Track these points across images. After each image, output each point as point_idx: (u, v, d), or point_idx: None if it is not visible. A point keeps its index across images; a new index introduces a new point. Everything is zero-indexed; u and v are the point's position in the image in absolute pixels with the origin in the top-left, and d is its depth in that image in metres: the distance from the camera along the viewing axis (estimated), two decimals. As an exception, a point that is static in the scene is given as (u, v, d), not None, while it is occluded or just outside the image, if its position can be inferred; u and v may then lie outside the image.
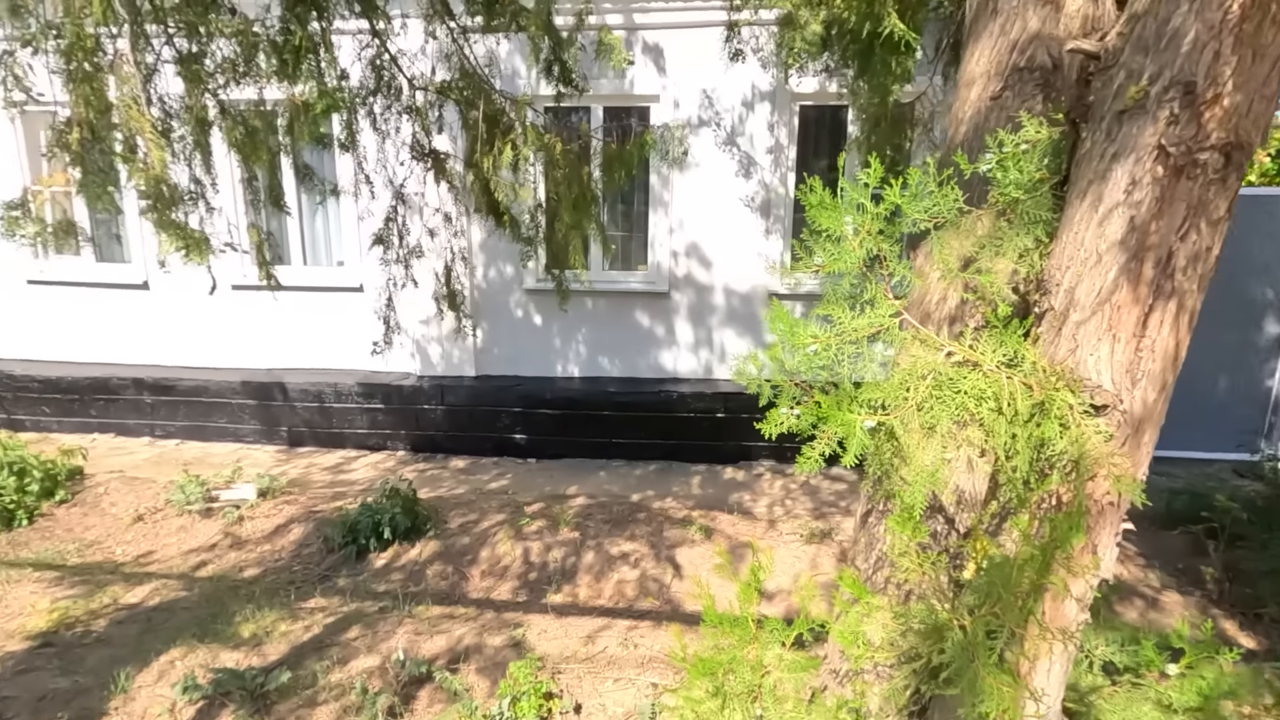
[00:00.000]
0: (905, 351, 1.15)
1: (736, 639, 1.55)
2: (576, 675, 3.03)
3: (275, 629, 3.36)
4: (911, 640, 1.27)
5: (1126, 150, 0.97)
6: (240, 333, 6.45)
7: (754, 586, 1.54)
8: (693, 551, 4.25)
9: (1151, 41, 0.94)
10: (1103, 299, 1.02)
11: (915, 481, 1.05)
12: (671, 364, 6.03)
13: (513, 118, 3.04)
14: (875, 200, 1.14)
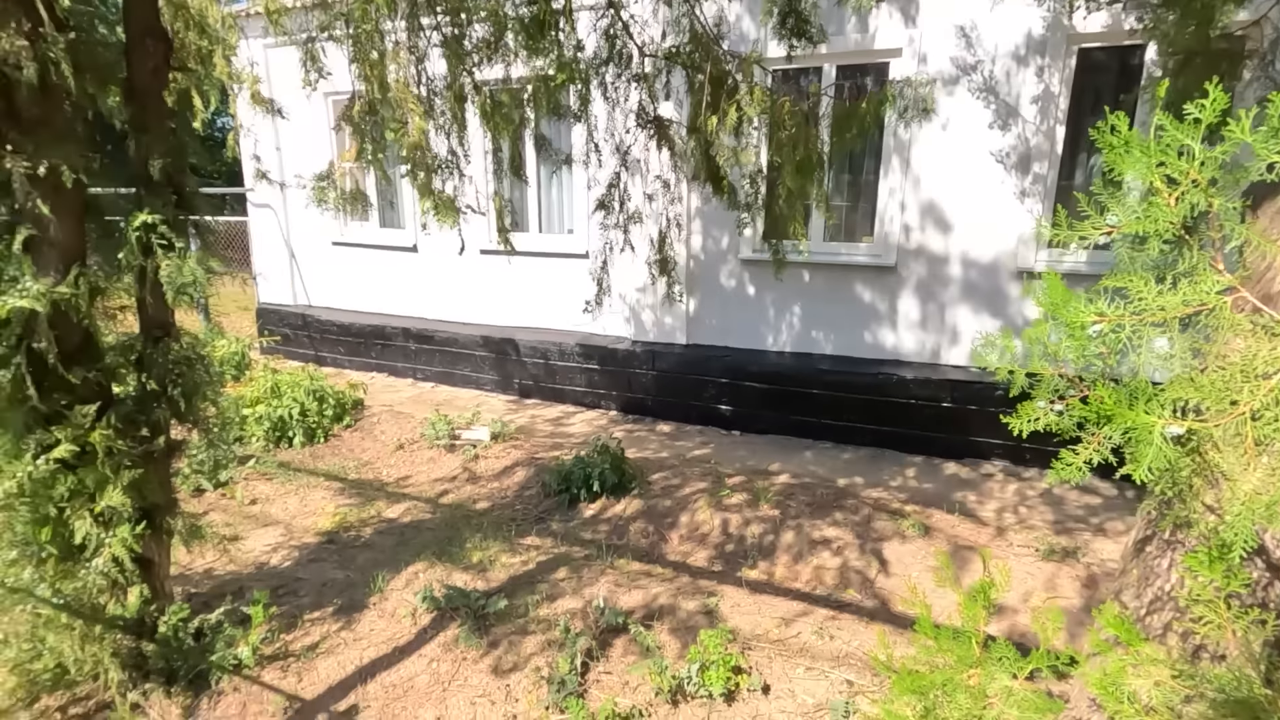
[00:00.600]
0: (1234, 341, 0.87)
1: (955, 658, 1.36)
2: (767, 655, 2.96)
3: (497, 559, 3.74)
4: (1202, 711, 0.99)
5: None
6: (484, 292, 7.21)
7: (983, 602, 1.33)
8: (903, 548, 3.92)
9: None
10: None
11: (1238, 513, 0.79)
12: (893, 344, 5.56)
13: (738, 79, 2.93)
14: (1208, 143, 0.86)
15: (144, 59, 2.48)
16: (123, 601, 2.56)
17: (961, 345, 5.37)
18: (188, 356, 2.67)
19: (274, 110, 4.21)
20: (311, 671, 2.84)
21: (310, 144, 7.67)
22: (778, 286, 5.79)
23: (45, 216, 2.28)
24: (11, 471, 2.21)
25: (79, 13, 2.31)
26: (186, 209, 2.61)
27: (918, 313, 5.46)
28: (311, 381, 5.78)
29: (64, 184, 2.30)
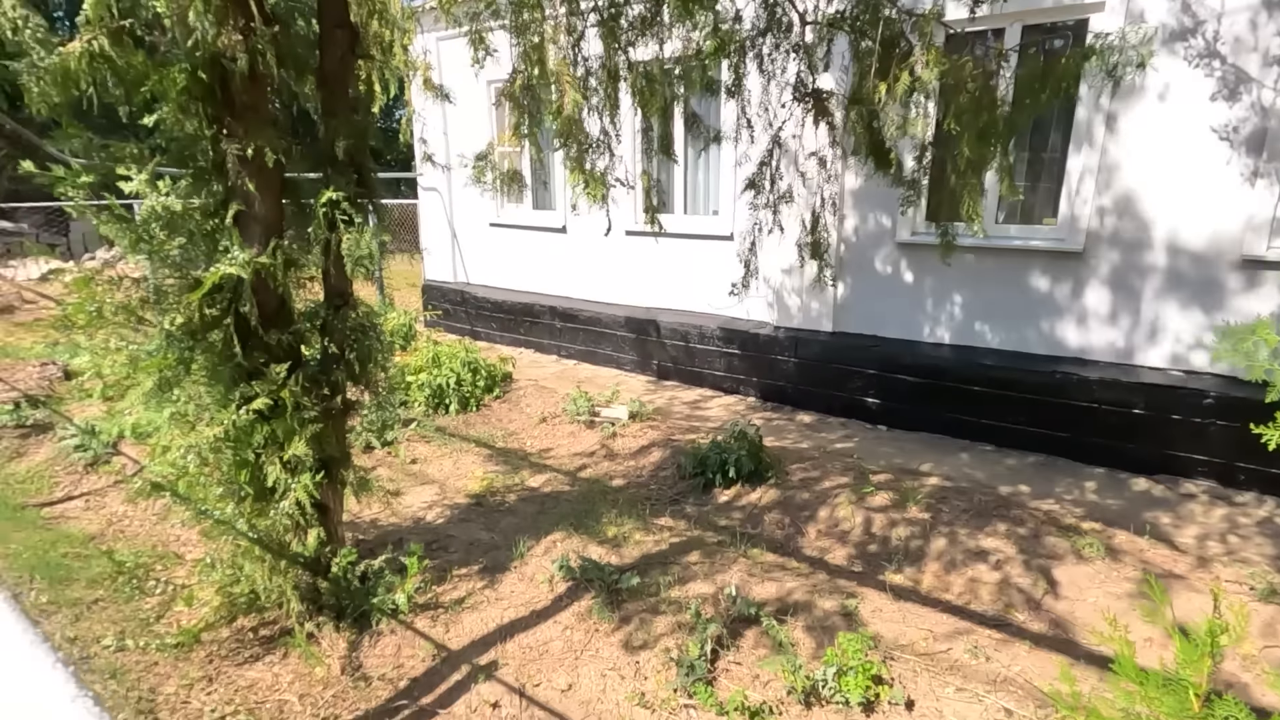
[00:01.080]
0: None
1: (1166, 709, 1.14)
2: (912, 668, 2.74)
3: (631, 536, 3.78)
4: None
5: None
6: (628, 274, 7.31)
7: (1210, 648, 1.10)
8: (1077, 569, 3.48)
9: None
10: None
11: None
12: (1075, 340, 4.94)
13: (912, 41, 2.67)
14: None
15: (334, 48, 2.70)
16: (303, 541, 2.85)
17: (1162, 345, 4.66)
18: (363, 325, 2.91)
19: (442, 95, 4.47)
20: (458, 624, 3.03)
21: (475, 130, 8.13)
22: (938, 273, 5.33)
23: (251, 194, 2.56)
24: (220, 419, 2.52)
25: (281, 7, 2.54)
26: (366, 188, 2.82)
27: (1107, 306, 4.80)
28: (467, 354, 6.16)
29: (266, 164, 2.56)
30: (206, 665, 2.72)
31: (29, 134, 5.15)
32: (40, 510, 4.04)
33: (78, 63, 2.19)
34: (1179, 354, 4.61)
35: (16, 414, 5.17)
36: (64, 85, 2.19)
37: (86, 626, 2.92)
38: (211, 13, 2.35)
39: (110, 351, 2.69)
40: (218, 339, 2.61)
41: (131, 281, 2.54)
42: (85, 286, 2.37)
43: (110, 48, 2.21)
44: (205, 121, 2.49)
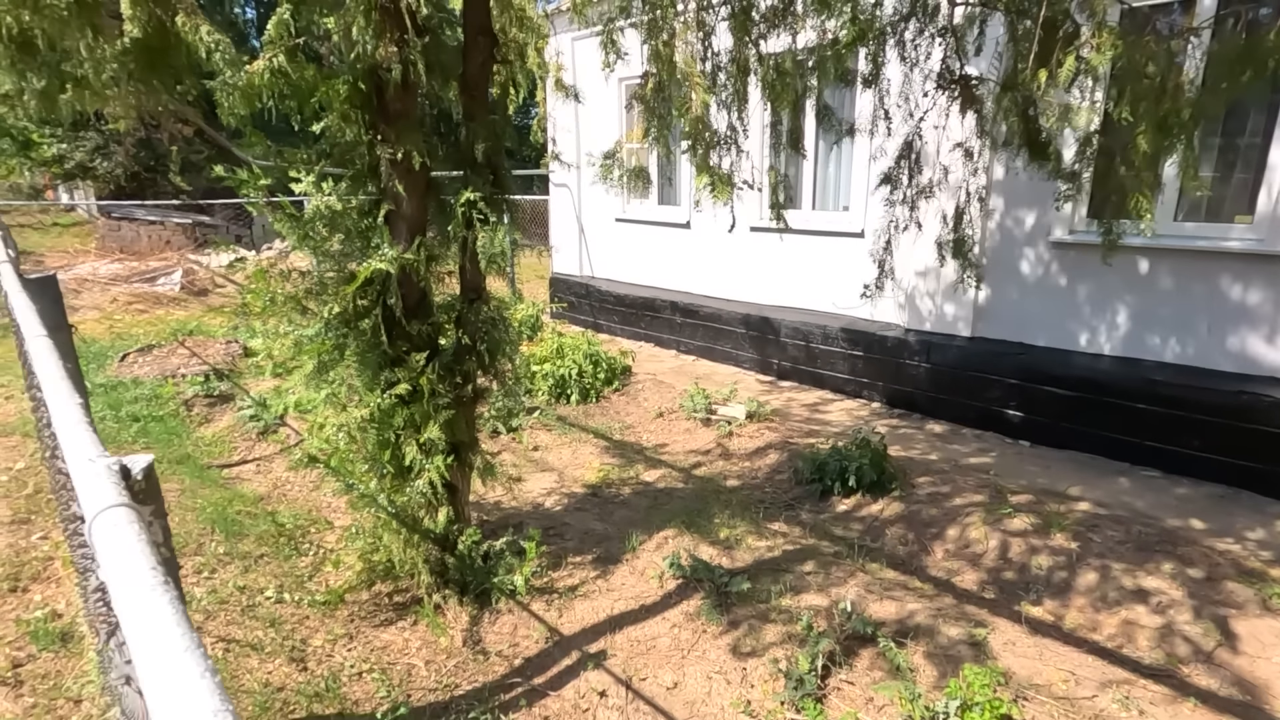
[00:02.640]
0: None
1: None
2: (1048, 712, 2.50)
3: (744, 539, 3.72)
4: None
5: None
6: (751, 270, 7.19)
7: None
8: (1263, 623, 3.02)
9: None
10: None
11: None
12: (1272, 357, 4.28)
13: (1079, 21, 2.40)
14: None
15: (476, 54, 2.85)
16: (434, 519, 3.06)
17: (1390, 366, 3.92)
18: (494, 318, 3.06)
19: (573, 95, 4.60)
20: (570, 610, 3.12)
21: (604, 127, 8.31)
22: (1098, 277, 4.80)
23: (400, 194, 2.76)
24: (367, 401, 2.75)
25: (431, 18, 2.71)
26: (501, 188, 2.96)
27: (1317, 318, 4.11)
28: (589, 346, 6.33)
29: (414, 167, 2.75)
30: (348, 623, 2.99)
31: (224, 140, 5.87)
32: (221, 471, 4.61)
33: (260, 79, 2.45)
34: None
35: (206, 385, 5.94)
36: (249, 99, 2.46)
37: (253, 578, 3.30)
38: (371, 27, 2.56)
39: (279, 335, 3.01)
40: (367, 327, 2.84)
41: (299, 274, 2.83)
42: (261, 279, 2.66)
43: (287, 63, 2.46)
44: (363, 128, 2.71)
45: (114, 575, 0.66)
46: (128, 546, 0.71)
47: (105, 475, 0.89)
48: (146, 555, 0.68)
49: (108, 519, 0.76)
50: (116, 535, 0.73)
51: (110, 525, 0.75)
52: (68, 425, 1.16)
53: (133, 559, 0.68)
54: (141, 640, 0.57)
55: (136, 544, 0.71)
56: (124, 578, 0.65)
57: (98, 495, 0.82)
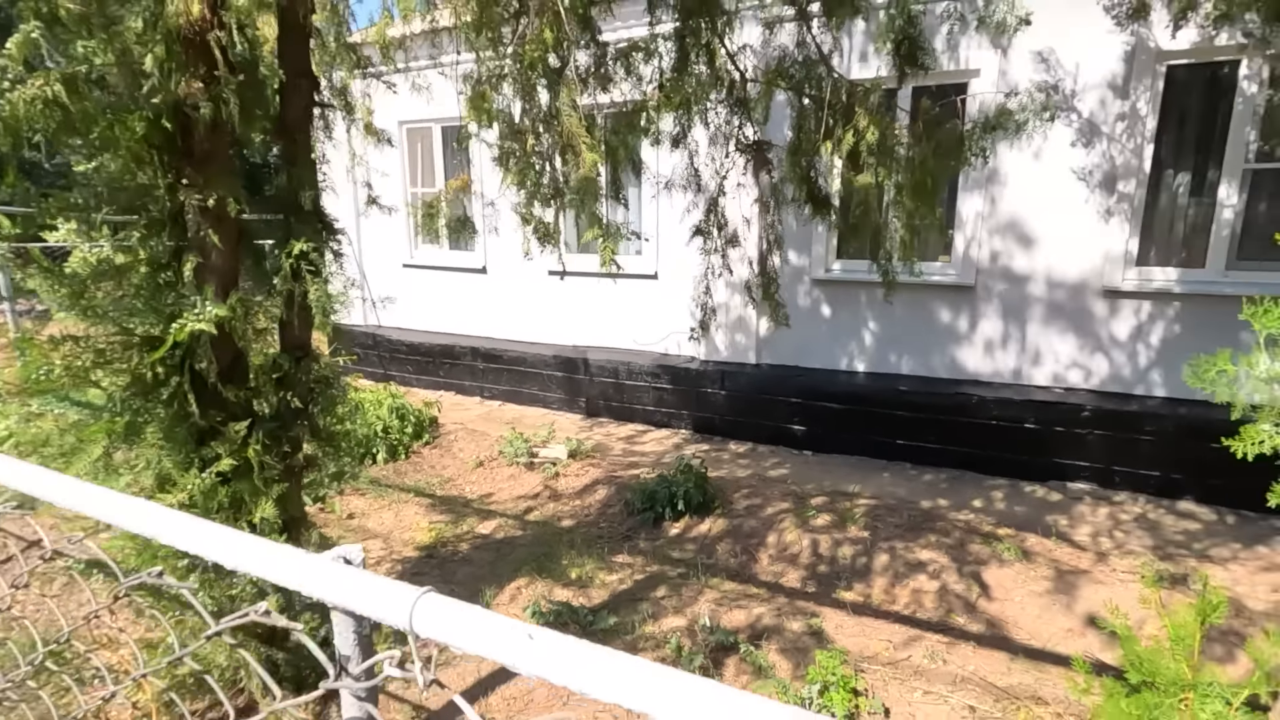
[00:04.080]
0: None
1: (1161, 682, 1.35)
2: (881, 678, 2.94)
3: (595, 576, 3.79)
4: None
5: None
6: (554, 312, 7.35)
7: (1199, 627, 1.32)
8: (1002, 572, 3.85)
9: None
10: None
11: None
12: (973, 365, 5.50)
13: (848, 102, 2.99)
14: None
15: (297, 98, 2.66)
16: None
17: (1045, 365, 5.28)
18: (326, 376, 2.81)
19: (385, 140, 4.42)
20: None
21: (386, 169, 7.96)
22: (852, 306, 5.79)
23: (212, 245, 2.44)
24: (184, 484, 2.35)
25: (244, 56, 2.48)
26: (330, 236, 2.76)
27: (998, 332, 5.39)
28: (393, 399, 5.96)
29: (228, 214, 2.46)
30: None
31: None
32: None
33: (26, 108, 2.04)
34: (1059, 373, 5.25)
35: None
36: (11, 131, 2.03)
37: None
38: (173, 60, 2.27)
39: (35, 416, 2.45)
40: (169, 397, 2.44)
41: (74, 340, 2.34)
42: (32, 347, 2.16)
43: (65, 93, 2.08)
44: (162, 170, 2.36)
45: None
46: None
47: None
48: None
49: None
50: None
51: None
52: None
53: None
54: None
55: None
56: None
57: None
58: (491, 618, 0.65)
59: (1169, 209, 5.04)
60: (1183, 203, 5.01)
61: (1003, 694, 2.86)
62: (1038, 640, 3.31)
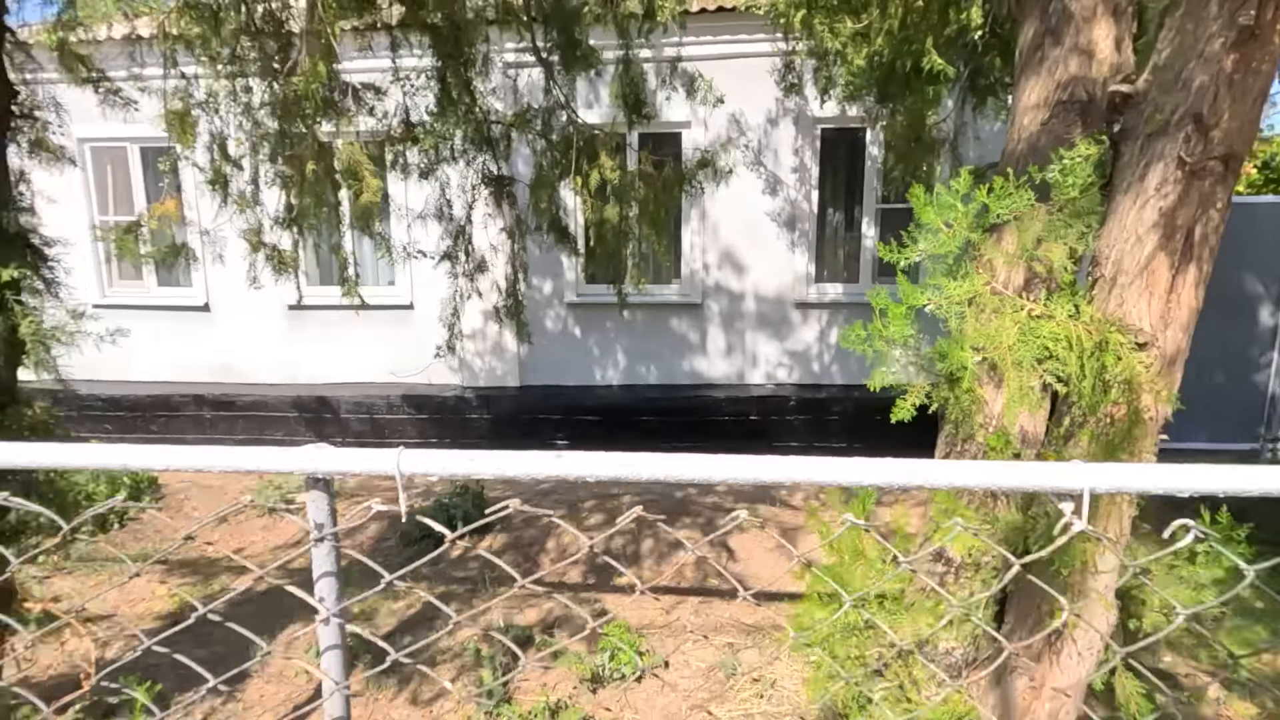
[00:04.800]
0: (987, 311, 1.55)
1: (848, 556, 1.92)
2: (659, 638, 3.38)
3: (380, 607, 3.70)
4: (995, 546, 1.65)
5: (1155, 160, 1.38)
6: (297, 350, 6.83)
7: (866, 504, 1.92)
8: (743, 539, 4.61)
9: (1171, 85, 1.35)
10: (1142, 266, 1.41)
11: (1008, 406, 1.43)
12: (707, 370, 6.42)
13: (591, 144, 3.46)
14: (965, 201, 1.54)
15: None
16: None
17: (760, 366, 6.39)
18: (44, 422, 2.44)
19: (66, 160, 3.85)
20: (204, 750, 2.65)
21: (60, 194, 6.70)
22: (602, 326, 6.38)
23: (-123, 272, 2.03)
24: None
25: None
26: (43, 263, 2.43)
27: (724, 342, 6.38)
28: (97, 461, 5.04)
29: (-101, 236, 2.07)
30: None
31: None
32: None
33: None
34: (770, 372, 6.39)
35: None
36: None
37: None
38: None
39: None
40: None
41: None
42: None
43: None
44: None
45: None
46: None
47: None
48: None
49: None
50: None
51: None
52: None
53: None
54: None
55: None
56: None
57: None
58: (451, 454, 0.86)
59: (832, 239, 6.49)
60: (841, 235, 6.49)
61: (752, 629, 3.49)
62: (774, 586, 4.05)
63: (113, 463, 0.97)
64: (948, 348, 1.51)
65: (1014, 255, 1.60)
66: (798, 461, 0.88)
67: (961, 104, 3.67)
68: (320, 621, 0.98)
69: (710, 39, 5.86)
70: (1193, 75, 1.32)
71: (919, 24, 2.98)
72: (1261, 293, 5.93)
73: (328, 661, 1.00)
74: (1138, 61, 1.65)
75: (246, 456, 0.94)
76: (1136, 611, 1.70)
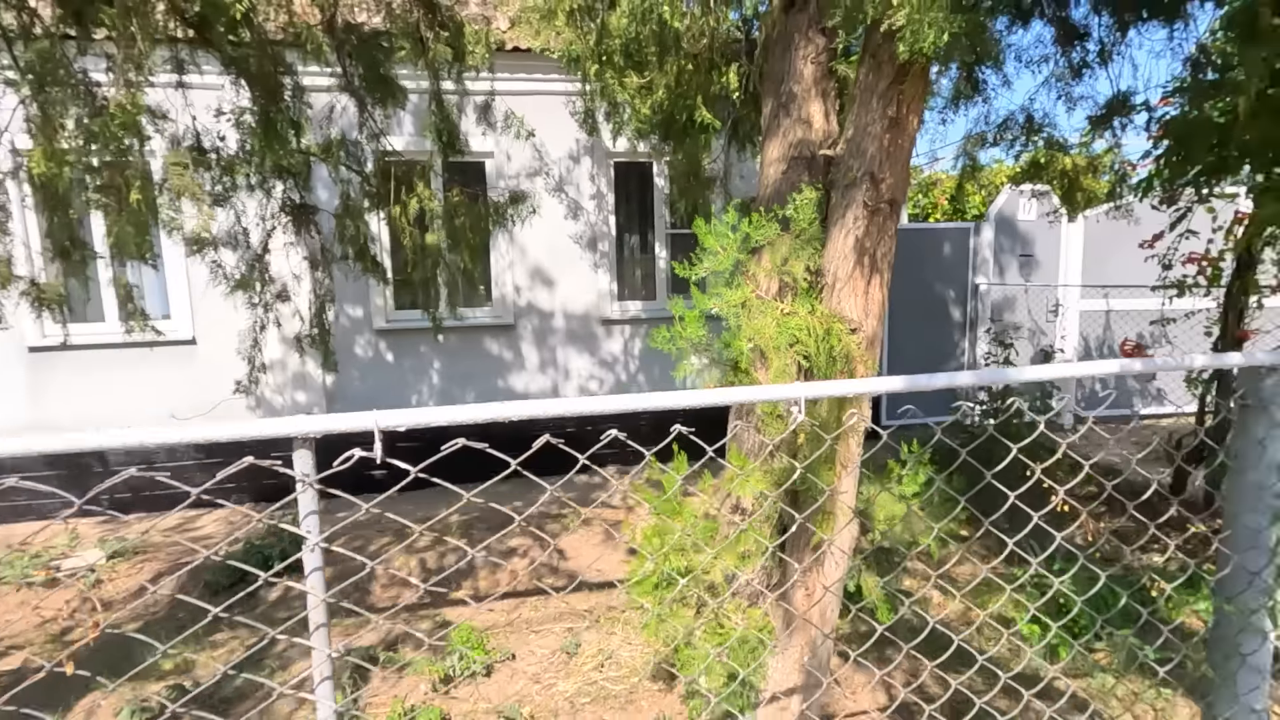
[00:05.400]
0: (754, 312, 2.08)
1: (670, 511, 2.36)
2: (503, 635, 3.60)
3: (195, 660, 3.46)
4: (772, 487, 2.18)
5: (851, 203, 2.00)
6: (45, 400, 5.90)
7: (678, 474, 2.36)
8: (571, 539, 4.96)
9: (855, 152, 1.98)
10: (849, 275, 2.03)
11: (773, 380, 1.96)
12: (522, 387, 6.69)
13: (408, 174, 3.62)
14: (734, 230, 2.06)
15: None
16: None
17: (573, 380, 6.81)
18: None
19: None
20: (0, 841, 2.36)
21: None
22: (416, 351, 6.37)
23: None
24: None
25: None
26: None
27: (537, 359, 6.70)
28: None
29: None
30: None
31: None
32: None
33: None
34: (583, 385, 6.83)
35: None
36: None
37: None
38: None
39: None
40: None
41: None
42: None
43: None
44: None
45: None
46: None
47: None
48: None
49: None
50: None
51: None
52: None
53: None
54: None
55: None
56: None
57: None
58: (425, 410, 1.09)
59: (631, 261, 7.13)
60: (638, 256, 7.16)
61: (587, 614, 3.83)
62: (604, 575, 4.45)
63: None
64: (730, 339, 2.01)
65: (770, 270, 2.16)
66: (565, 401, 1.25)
67: (728, 148, 4.42)
68: (307, 550, 1.16)
69: (510, 76, 6.21)
70: (867, 146, 1.96)
71: (690, 82, 3.61)
72: (953, 295, 7.64)
73: (314, 616, 1.17)
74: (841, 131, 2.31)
75: (236, 427, 1.11)
76: (871, 526, 2.34)
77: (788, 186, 2.27)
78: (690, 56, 3.50)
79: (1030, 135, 3.48)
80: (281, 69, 3.15)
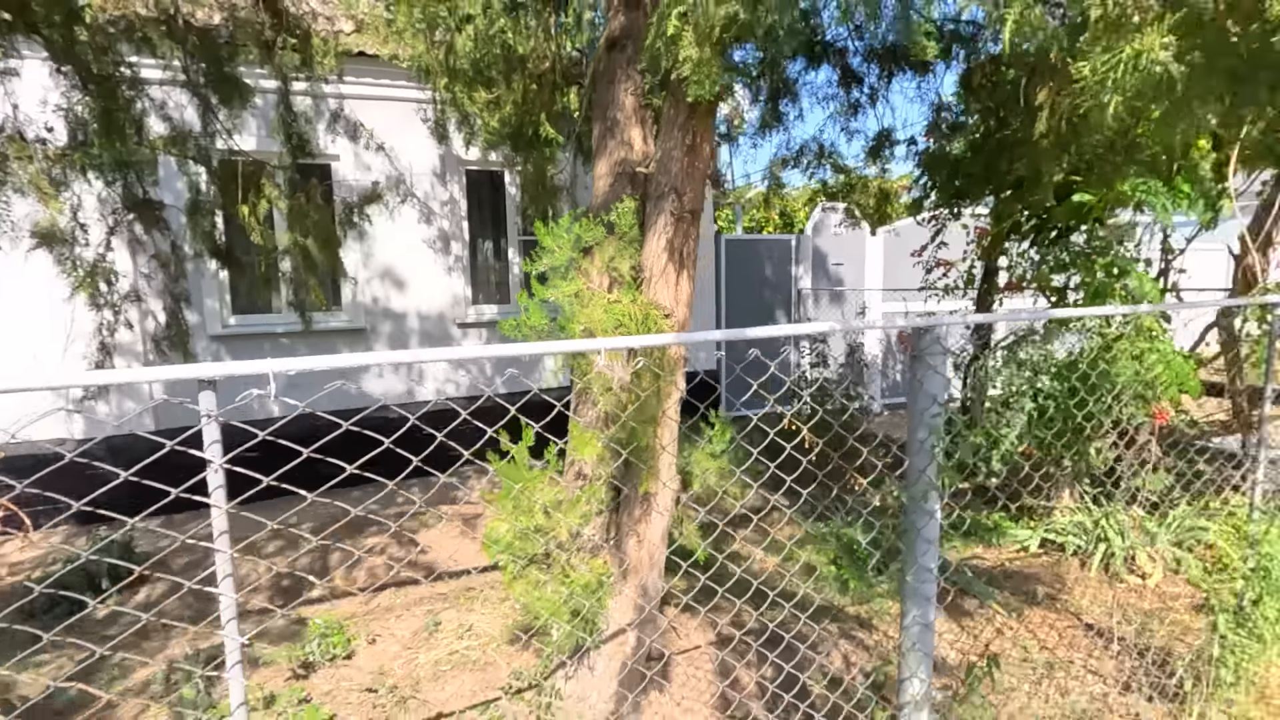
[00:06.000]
0: (587, 301, 2.46)
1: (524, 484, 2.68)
2: (363, 623, 3.71)
3: (17, 682, 3.25)
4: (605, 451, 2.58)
5: (661, 212, 2.45)
6: None
7: (524, 447, 2.69)
8: (430, 534, 5.10)
9: (664, 170, 2.44)
10: (662, 270, 2.48)
11: (607, 357, 2.35)
12: (379, 392, 6.66)
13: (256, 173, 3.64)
14: (569, 233, 2.44)
15: None
16: None
17: (429, 384, 6.88)
18: None
19: None
20: None
21: None
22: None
23: None
24: None
25: None
26: None
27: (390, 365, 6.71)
28: None
29: None
30: None
31: None
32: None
33: None
34: (440, 388, 6.92)
35: None
36: None
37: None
38: None
39: None
40: None
41: None
42: None
43: None
44: None
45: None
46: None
47: None
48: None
49: None
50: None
51: None
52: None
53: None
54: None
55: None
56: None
57: None
58: (317, 357, 1.31)
59: (485, 265, 7.33)
60: (492, 261, 7.37)
61: (447, 598, 4.03)
62: (462, 565, 4.64)
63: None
64: (565, 323, 2.39)
65: (601, 267, 2.56)
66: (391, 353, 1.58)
67: (574, 160, 4.82)
68: (211, 471, 1.34)
69: (358, 80, 6.21)
70: (671, 167, 2.42)
71: (535, 100, 3.97)
72: (780, 299, 8.58)
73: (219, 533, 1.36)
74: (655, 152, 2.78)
75: (143, 372, 1.27)
76: (690, 481, 2.81)
77: (613, 197, 2.70)
78: (535, 77, 3.87)
79: (820, 160, 4.20)
80: (117, 59, 3.11)
